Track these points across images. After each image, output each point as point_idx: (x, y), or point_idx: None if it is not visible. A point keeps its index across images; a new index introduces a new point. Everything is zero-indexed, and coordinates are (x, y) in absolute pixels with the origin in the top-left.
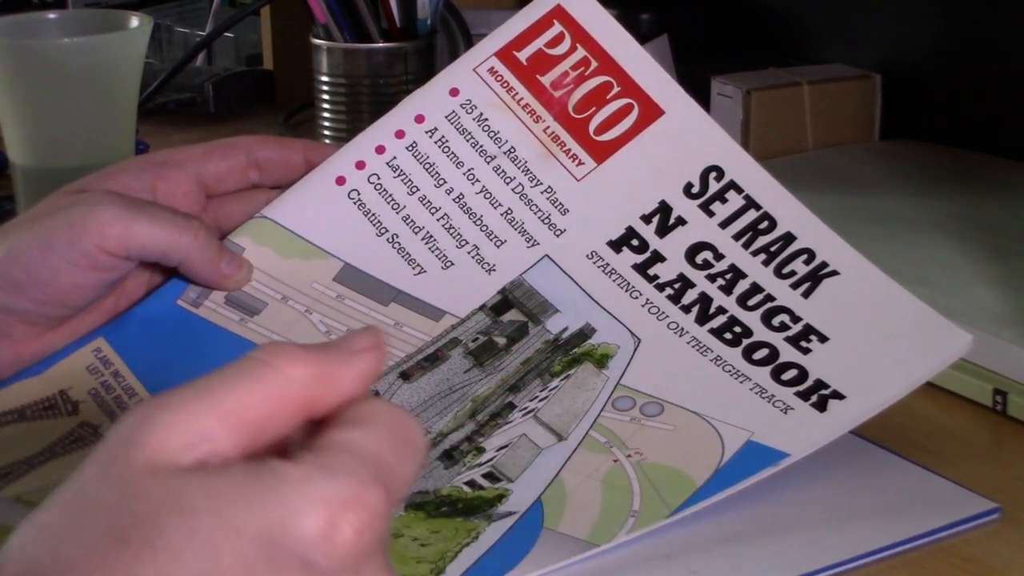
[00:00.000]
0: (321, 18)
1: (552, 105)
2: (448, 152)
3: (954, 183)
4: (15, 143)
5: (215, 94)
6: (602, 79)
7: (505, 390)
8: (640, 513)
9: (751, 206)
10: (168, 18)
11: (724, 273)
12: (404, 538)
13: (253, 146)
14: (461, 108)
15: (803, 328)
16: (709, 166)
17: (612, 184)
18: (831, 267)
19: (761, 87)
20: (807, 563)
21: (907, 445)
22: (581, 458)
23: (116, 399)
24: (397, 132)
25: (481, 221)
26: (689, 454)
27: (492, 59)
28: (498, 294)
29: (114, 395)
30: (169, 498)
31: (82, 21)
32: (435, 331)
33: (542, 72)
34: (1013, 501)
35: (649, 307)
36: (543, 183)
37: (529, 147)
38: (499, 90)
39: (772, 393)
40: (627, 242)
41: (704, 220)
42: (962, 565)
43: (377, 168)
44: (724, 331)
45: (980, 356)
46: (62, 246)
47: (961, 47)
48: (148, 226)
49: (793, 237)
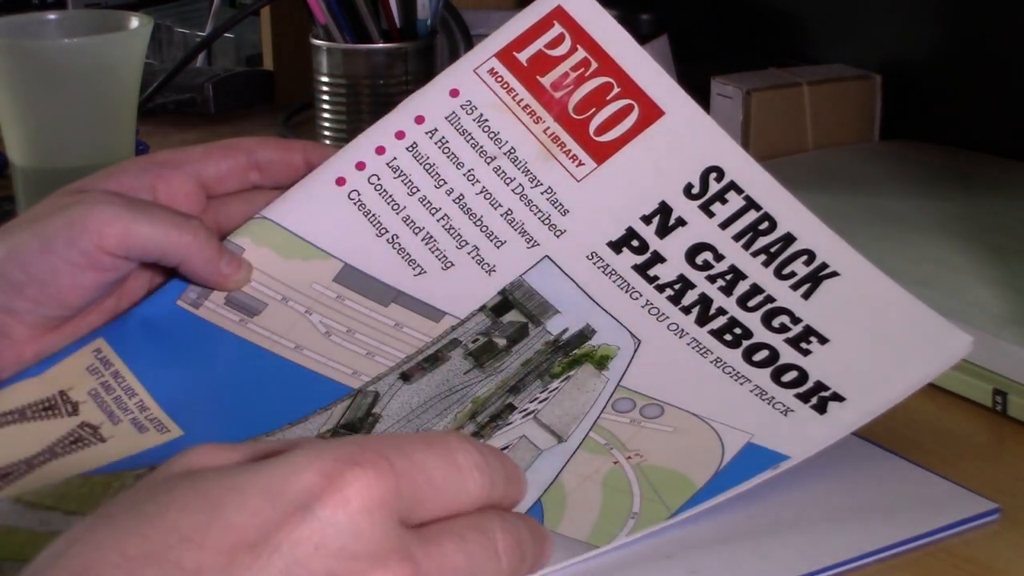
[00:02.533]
0: (321, 18)
1: (552, 106)
2: (448, 153)
3: (954, 183)
4: (15, 143)
5: (215, 94)
6: (602, 80)
7: (505, 391)
8: (640, 515)
9: (751, 207)
10: (168, 18)
11: (724, 274)
12: None
13: (253, 147)
14: (461, 109)
15: (803, 329)
16: (709, 167)
17: (612, 185)
18: (831, 268)
19: (761, 87)
20: (807, 563)
21: (907, 445)
22: (581, 460)
23: (116, 399)
24: (397, 133)
25: (481, 222)
26: (689, 456)
27: (492, 60)
28: (498, 295)
29: (114, 395)
30: (185, 476)
31: (82, 21)
32: (435, 332)
33: (542, 73)
34: (1013, 501)
35: (649, 308)
36: (543, 184)
37: (529, 148)
38: (499, 91)
39: (772, 395)
40: (627, 243)
41: (704, 221)
42: (962, 565)
43: (377, 169)
44: (724, 332)
45: (980, 356)
46: (62, 246)
47: (961, 47)
48: (148, 226)
49: (793, 238)
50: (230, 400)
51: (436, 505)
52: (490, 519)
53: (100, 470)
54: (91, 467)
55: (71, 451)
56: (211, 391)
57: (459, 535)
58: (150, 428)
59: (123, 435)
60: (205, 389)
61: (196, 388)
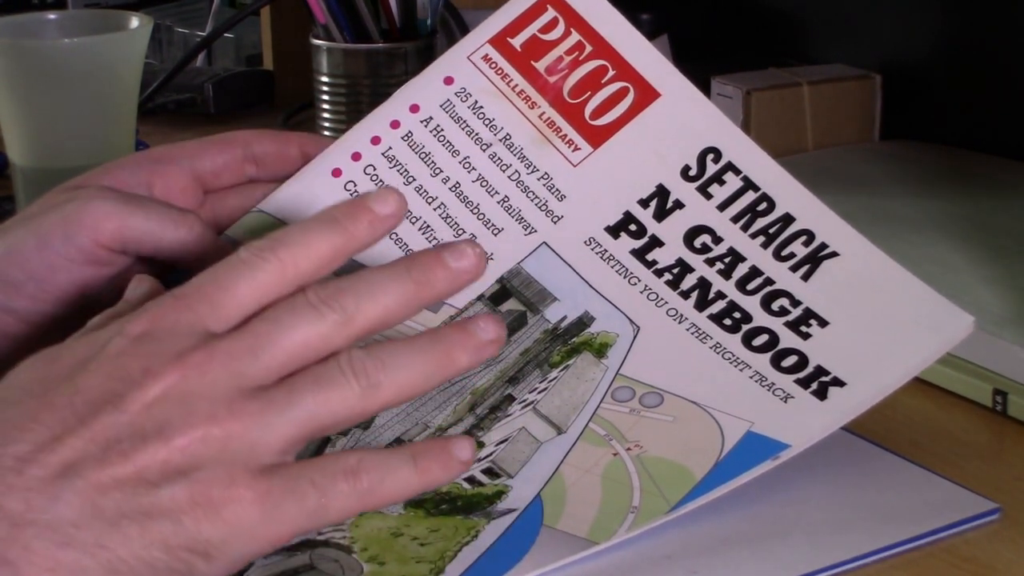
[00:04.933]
0: (321, 18)
1: (547, 91)
2: (443, 141)
3: (954, 183)
4: (15, 143)
5: (215, 94)
6: (597, 63)
7: (504, 382)
8: (640, 509)
9: (749, 187)
10: (168, 18)
11: (723, 257)
12: (404, 537)
13: (249, 140)
14: (456, 96)
15: (803, 312)
16: (707, 148)
17: (609, 169)
18: (831, 248)
19: (761, 87)
20: (807, 563)
21: (907, 445)
22: (581, 451)
23: None
24: (392, 123)
25: (478, 209)
26: (689, 446)
27: (486, 46)
28: (496, 283)
29: None
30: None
31: (82, 21)
32: (434, 322)
33: (536, 58)
34: (1013, 501)
35: (648, 293)
36: (539, 169)
37: (525, 134)
38: (493, 77)
39: (772, 381)
40: (625, 227)
41: (702, 203)
42: (962, 565)
43: (372, 159)
44: (723, 317)
45: (980, 356)
46: (58, 242)
47: (961, 47)
48: (143, 220)
49: (792, 218)
50: None
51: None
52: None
53: None
54: None
55: None
56: None
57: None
58: None
59: None
60: None
61: None
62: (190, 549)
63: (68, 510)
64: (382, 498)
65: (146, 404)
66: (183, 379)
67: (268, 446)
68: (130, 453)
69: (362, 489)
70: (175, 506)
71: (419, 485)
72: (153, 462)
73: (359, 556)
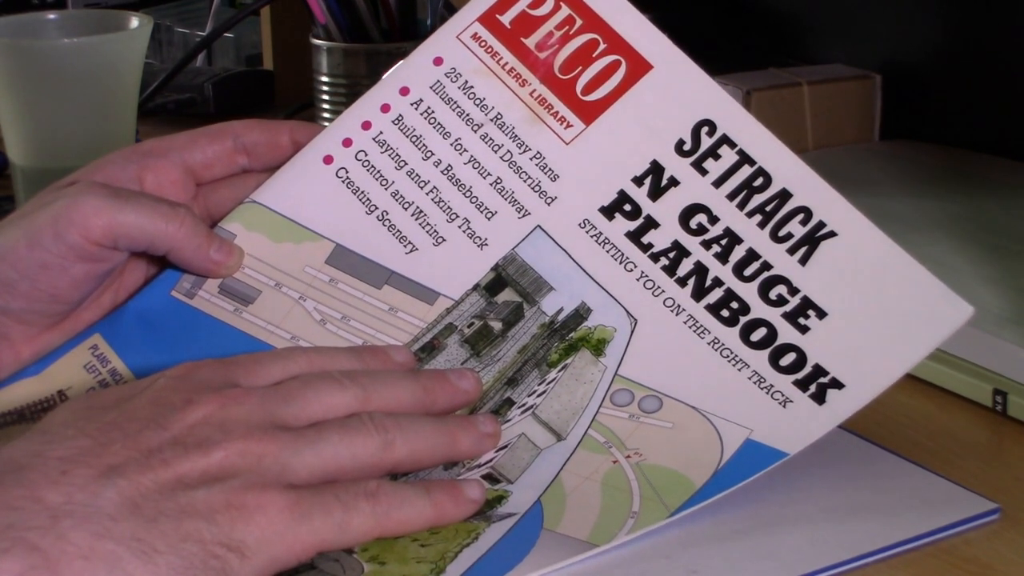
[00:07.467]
0: (321, 18)
1: (537, 67)
2: (434, 123)
3: (954, 183)
4: (15, 143)
5: (215, 94)
6: (587, 37)
7: (503, 384)
8: (640, 514)
9: (745, 161)
10: (168, 18)
11: (719, 239)
12: (404, 538)
13: (239, 130)
14: (446, 77)
15: (801, 301)
16: (701, 120)
17: (602, 145)
18: (829, 227)
19: (761, 87)
20: (807, 563)
21: (907, 445)
22: (580, 459)
23: None
24: (382, 106)
25: (471, 192)
26: (688, 455)
27: (475, 24)
28: (491, 271)
29: None
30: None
31: (82, 21)
32: (430, 316)
33: (526, 34)
34: (1013, 501)
35: (644, 281)
36: (532, 149)
37: (516, 112)
38: (483, 56)
39: (771, 383)
40: (619, 207)
41: (697, 179)
42: (962, 565)
43: (364, 145)
44: (721, 307)
45: (980, 356)
46: (49, 240)
47: (961, 47)
48: (133, 215)
49: (789, 194)
50: None
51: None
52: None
53: None
54: None
55: None
56: None
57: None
58: None
59: None
60: None
61: None
62: (224, 545)
63: (108, 505)
64: (398, 523)
65: (188, 425)
66: (222, 408)
67: (296, 472)
68: (172, 461)
69: (380, 511)
70: (210, 507)
71: (433, 517)
72: (193, 470)
73: (360, 556)
